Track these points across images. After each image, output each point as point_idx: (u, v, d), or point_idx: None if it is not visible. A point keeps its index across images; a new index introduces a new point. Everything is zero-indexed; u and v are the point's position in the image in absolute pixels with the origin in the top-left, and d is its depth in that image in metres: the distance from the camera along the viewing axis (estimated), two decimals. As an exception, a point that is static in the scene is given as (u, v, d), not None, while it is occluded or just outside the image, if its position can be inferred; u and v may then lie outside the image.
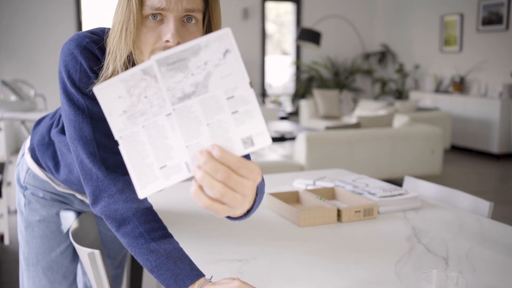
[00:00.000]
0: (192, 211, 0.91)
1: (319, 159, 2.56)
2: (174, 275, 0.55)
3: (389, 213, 0.93)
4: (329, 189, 1.02)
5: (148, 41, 0.55)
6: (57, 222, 0.77)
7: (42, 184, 0.76)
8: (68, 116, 0.59)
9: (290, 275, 0.65)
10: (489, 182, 3.20)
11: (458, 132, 4.17)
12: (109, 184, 0.58)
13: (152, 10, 0.54)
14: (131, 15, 0.54)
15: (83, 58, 0.58)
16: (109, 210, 0.58)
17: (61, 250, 0.77)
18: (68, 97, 0.59)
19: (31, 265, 0.76)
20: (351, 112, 4.42)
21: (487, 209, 0.96)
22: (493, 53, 4.16)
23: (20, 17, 4.14)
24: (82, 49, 0.58)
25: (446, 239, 0.79)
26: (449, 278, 0.54)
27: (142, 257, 0.57)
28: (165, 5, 0.53)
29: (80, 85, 0.58)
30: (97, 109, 0.59)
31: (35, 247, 0.76)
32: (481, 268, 0.68)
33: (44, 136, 0.73)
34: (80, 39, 0.59)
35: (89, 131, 0.58)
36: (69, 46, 0.59)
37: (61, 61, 0.60)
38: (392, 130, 2.84)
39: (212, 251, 0.73)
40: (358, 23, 5.35)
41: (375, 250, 0.75)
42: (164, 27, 0.55)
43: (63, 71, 0.59)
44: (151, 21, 0.55)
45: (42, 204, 0.76)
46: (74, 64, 0.58)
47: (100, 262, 0.65)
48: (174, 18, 0.54)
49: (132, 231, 0.57)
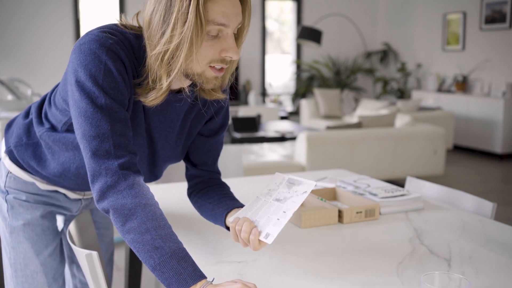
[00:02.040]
0: (191, 212, 0.91)
1: (320, 159, 2.55)
2: (177, 274, 0.55)
3: (391, 214, 0.93)
4: (330, 190, 1.01)
5: (207, 54, 0.59)
6: (42, 225, 0.76)
7: (25, 186, 0.75)
8: (85, 114, 0.59)
9: (290, 277, 0.65)
10: (492, 183, 3.19)
11: (461, 132, 4.16)
12: (119, 180, 0.59)
13: (214, 26, 0.58)
14: (199, 32, 0.57)
15: (109, 59, 0.59)
16: (117, 204, 0.59)
17: (49, 252, 0.77)
18: (86, 94, 0.59)
19: (19, 271, 0.76)
20: (353, 112, 4.41)
21: (490, 210, 0.95)
22: (497, 52, 4.14)
23: (17, 16, 4.15)
24: (107, 50, 0.59)
25: (448, 240, 0.79)
26: (452, 280, 0.54)
27: (146, 254, 0.56)
28: (226, 21, 0.58)
29: (103, 84, 0.59)
30: (116, 109, 0.60)
31: (23, 252, 0.75)
32: (485, 270, 0.67)
33: (21, 137, 0.73)
34: (102, 40, 0.60)
35: (107, 129, 0.59)
36: (90, 46, 0.59)
37: (77, 60, 0.59)
38: (394, 130, 2.83)
39: (212, 253, 0.73)
40: (359, 21, 5.34)
41: (376, 251, 0.74)
42: (223, 42, 0.60)
43: (82, 69, 0.59)
44: (210, 36, 0.59)
45: (26, 207, 0.75)
46: (97, 63, 0.59)
47: (98, 264, 0.65)
48: (231, 34, 0.60)
49: (139, 227, 0.57)
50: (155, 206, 0.60)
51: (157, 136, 0.71)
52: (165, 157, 0.74)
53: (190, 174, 0.78)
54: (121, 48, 0.60)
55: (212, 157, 0.77)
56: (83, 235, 0.80)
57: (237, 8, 0.60)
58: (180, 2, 0.56)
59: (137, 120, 0.67)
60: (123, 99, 0.61)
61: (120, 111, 0.61)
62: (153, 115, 0.68)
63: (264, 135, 3.13)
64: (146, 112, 0.67)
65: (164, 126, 0.70)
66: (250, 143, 3.03)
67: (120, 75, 0.60)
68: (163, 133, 0.71)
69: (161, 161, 0.74)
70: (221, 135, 0.77)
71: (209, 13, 0.57)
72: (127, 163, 0.60)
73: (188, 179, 0.79)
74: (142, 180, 0.62)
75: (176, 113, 0.70)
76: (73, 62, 0.60)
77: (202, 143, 0.76)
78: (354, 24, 5.25)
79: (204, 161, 0.77)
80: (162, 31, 0.58)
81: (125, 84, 0.61)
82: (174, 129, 0.71)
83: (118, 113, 0.61)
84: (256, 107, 4.38)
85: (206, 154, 0.76)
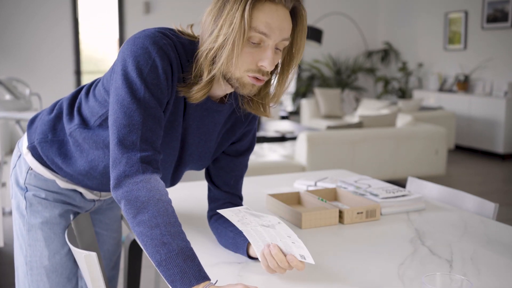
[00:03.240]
0: (190, 213, 0.90)
1: (321, 159, 2.55)
2: (182, 272, 0.55)
3: (392, 215, 0.92)
4: (330, 190, 1.01)
5: (245, 61, 0.62)
6: (60, 224, 0.76)
7: (45, 184, 0.75)
8: (122, 102, 0.61)
9: (290, 278, 0.64)
10: (494, 183, 3.18)
11: (463, 132, 4.14)
12: (137, 171, 0.60)
13: (256, 33, 0.60)
14: (242, 36, 0.59)
15: (158, 56, 0.61)
16: (131, 195, 0.59)
17: (65, 252, 0.77)
18: (128, 84, 0.61)
19: (35, 269, 0.75)
20: (353, 112, 4.40)
21: (492, 211, 0.94)
22: (499, 51, 4.12)
23: (16, 16, 4.16)
24: (159, 49, 0.61)
25: (450, 241, 0.78)
26: (453, 281, 0.54)
27: (153, 249, 0.57)
28: (268, 31, 0.60)
29: (147, 78, 0.61)
30: (152, 105, 0.62)
31: (39, 250, 0.75)
32: (486, 271, 0.67)
33: (46, 133, 0.73)
34: (156, 38, 0.62)
35: (139, 121, 0.61)
36: (144, 41, 0.61)
37: (128, 50, 0.62)
38: (395, 130, 2.82)
39: (211, 254, 0.72)
40: (360, 20, 5.33)
41: (377, 252, 0.74)
42: (262, 53, 0.62)
43: (131, 60, 0.61)
44: (251, 43, 0.61)
45: (45, 205, 0.75)
46: (146, 58, 0.61)
47: (97, 265, 0.64)
48: (271, 46, 0.62)
49: (149, 221, 0.58)
50: (168, 203, 0.60)
51: (191, 142, 0.72)
52: (190, 164, 0.75)
53: (212, 196, 0.79)
54: (173, 50, 0.63)
55: (235, 178, 0.78)
56: (82, 236, 0.80)
57: (283, 23, 0.61)
58: (231, 5, 0.60)
59: (176, 124, 0.68)
60: (162, 98, 0.63)
61: (155, 108, 0.62)
62: (193, 121, 0.70)
63: (264, 135, 3.12)
64: (185, 117, 0.69)
65: (199, 133, 0.71)
66: (250, 143, 3.02)
67: (165, 75, 0.62)
68: (197, 140, 0.72)
69: (184, 166, 0.75)
70: (246, 157, 0.78)
71: (254, 20, 0.60)
72: (149, 157, 0.61)
73: (210, 201, 0.79)
74: (159, 177, 0.63)
75: (214, 123, 0.72)
76: (124, 52, 0.62)
77: (227, 162, 0.77)
78: (355, 23, 5.24)
79: (226, 181, 0.77)
80: (211, 30, 0.61)
81: (167, 84, 0.63)
82: (209, 137, 0.73)
83: (154, 109, 0.62)
84: (256, 107, 4.36)
85: (229, 174, 0.77)
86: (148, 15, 4.52)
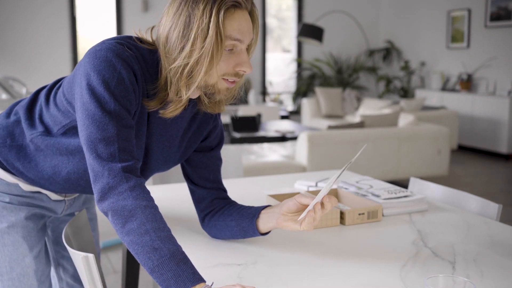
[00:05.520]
0: (189, 214, 0.90)
1: (322, 159, 2.54)
2: (175, 276, 0.55)
3: (394, 216, 0.92)
4: (331, 191, 1.00)
5: (221, 68, 0.63)
6: (27, 227, 0.76)
7: (8, 188, 0.75)
8: (93, 116, 0.61)
9: (291, 280, 0.64)
10: (498, 184, 3.16)
11: (466, 132, 4.12)
12: (121, 181, 0.61)
13: (230, 41, 0.62)
14: (219, 47, 0.61)
15: (123, 69, 0.62)
16: (117, 205, 0.60)
17: (34, 254, 0.77)
18: (96, 98, 0.61)
19: (5, 274, 0.75)
20: (355, 111, 4.39)
21: (496, 212, 0.93)
22: (502, 50, 4.10)
23: (13, 15, 4.16)
24: (123, 61, 0.62)
25: (453, 242, 0.78)
26: (456, 283, 0.53)
27: (144, 256, 0.56)
28: (241, 37, 0.63)
29: (115, 90, 0.62)
30: (124, 116, 0.63)
31: (8, 255, 0.75)
32: (490, 273, 0.66)
33: (5, 138, 0.73)
34: (119, 50, 0.63)
35: (113, 133, 0.62)
36: (106, 54, 0.62)
37: (90, 64, 0.62)
38: (397, 130, 2.81)
39: (210, 255, 0.72)
40: (362, 18, 5.30)
41: (379, 254, 0.73)
42: (237, 57, 0.64)
43: (95, 74, 0.62)
44: (225, 51, 0.63)
45: (10, 209, 0.75)
46: (111, 71, 0.61)
47: (95, 266, 0.64)
48: (244, 49, 0.65)
49: (138, 228, 0.58)
50: (155, 209, 0.61)
51: (155, 149, 0.73)
52: (156, 168, 0.76)
53: (197, 197, 0.78)
54: (135, 62, 0.64)
55: (213, 172, 0.78)
56: (79, 237, 0.79)
57: (249, 26, 0.65)
58: (199, 19, 0.60)
59: (140, 133, 0.69)
60: (131, 109, 0.64)
61: (127, 118, 0.63)
62: (156, 128, 0.70)
63: (264, 135, 3.12)
64: (149, 126, 0.69)
65: (163, 140, 0.72)
66: (250, 143, 3.02)
67: (132, 86, 0.63)
68: (161, 146, 0.73)
69: (150, 172, 0.76)
70: (218, 151, 0.79)
71: (227, 29, 0.62)
72: (130, 166, 0.62)
73: (196, 202, 0.79)
74: (144, 183, 0.63)
75: (177, 128, 0.73)
76: (85, 66, 0.62)
77: (200, 158, 0.77)
78: (356, 22, 5.22)
79: (205, 177, 0.77)
80: (182, 46, 0.62)
81: (135, 95, 0.64)
82: (172, 142, 0.73)
83: (125, 120, 0.63)
84: (256, 106, 4.38)
85: (206, 170, 0.78)
86: (146, 13, 4.52)
